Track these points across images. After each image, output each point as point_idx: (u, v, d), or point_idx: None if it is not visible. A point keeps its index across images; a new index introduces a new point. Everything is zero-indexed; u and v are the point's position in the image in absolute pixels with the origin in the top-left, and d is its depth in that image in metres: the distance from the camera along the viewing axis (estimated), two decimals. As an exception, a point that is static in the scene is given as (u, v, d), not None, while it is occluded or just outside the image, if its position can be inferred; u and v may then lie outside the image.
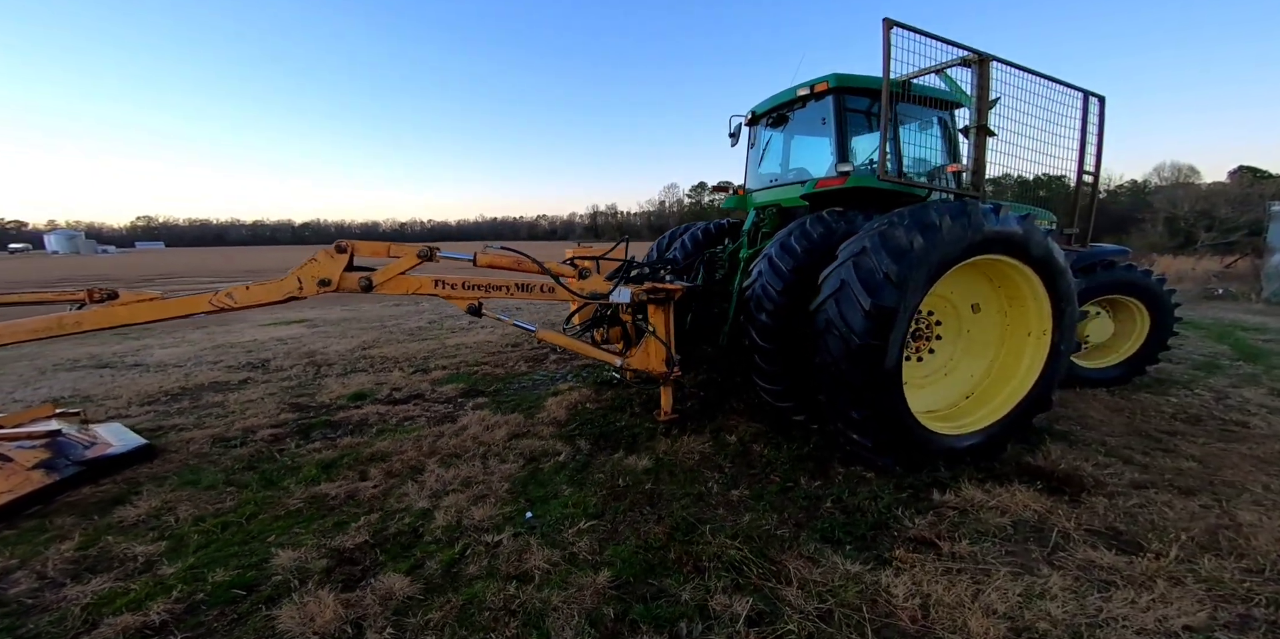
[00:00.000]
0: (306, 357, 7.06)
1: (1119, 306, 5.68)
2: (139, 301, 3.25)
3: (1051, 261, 3.52)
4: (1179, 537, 2.65)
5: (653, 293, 4.09)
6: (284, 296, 3.35)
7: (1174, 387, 5.55)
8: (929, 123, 4.83)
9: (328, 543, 2.70)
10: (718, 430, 4.33)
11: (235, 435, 4.19)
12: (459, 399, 5.25)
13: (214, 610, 2.22)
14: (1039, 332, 3.72)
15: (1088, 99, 4.72)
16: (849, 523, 2.90)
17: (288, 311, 11.30)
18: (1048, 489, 3.20)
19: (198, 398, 5.25)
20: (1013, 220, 3.34)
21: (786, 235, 4.02)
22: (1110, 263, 5.39)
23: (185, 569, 2.47)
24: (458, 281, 3.72)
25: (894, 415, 3.27)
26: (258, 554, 2.60)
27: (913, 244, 3.09)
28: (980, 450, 3.58)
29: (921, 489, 3.24)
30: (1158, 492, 3.15)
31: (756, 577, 2.47)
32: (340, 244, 3.46)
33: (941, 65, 4.23)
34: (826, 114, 4.57)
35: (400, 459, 3.74)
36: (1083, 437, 4.10)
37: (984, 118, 4.10)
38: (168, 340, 8.49)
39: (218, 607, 2.25)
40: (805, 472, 3.56)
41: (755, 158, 5.70)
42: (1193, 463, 3.59)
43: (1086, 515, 2.88)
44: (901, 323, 3.11)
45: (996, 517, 2.87)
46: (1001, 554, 2.54)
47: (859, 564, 2.51)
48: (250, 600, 2.28)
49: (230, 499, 3.15)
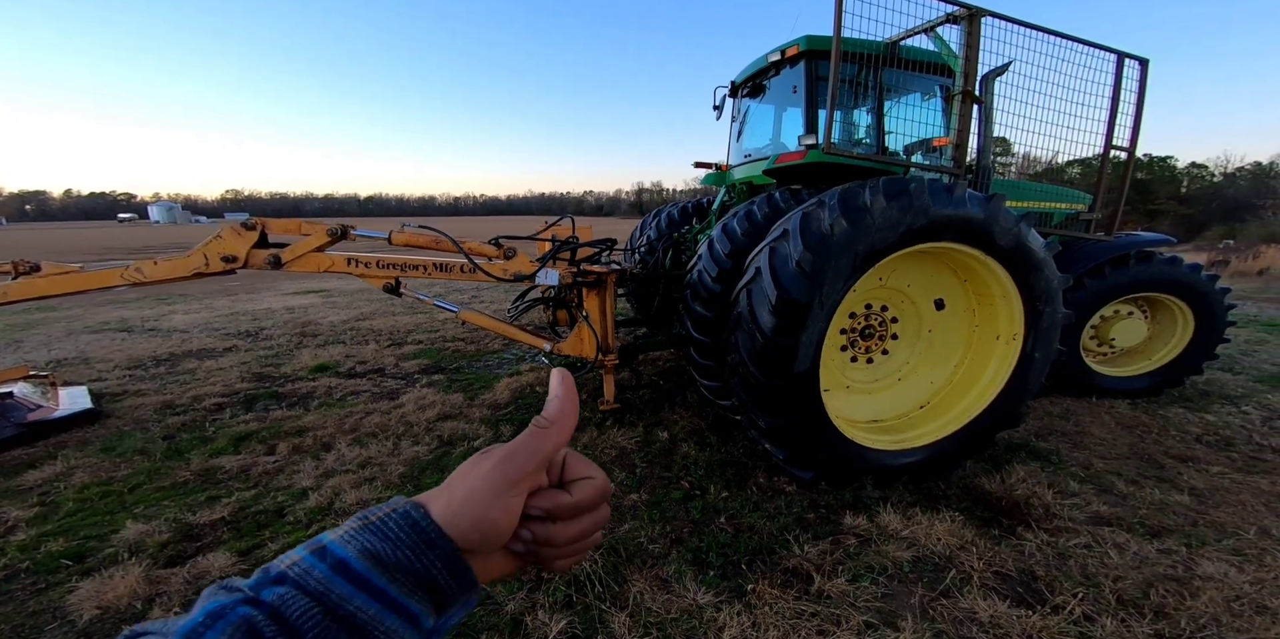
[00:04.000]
0: (300, 326, 7.30)
1: (1157, 306, 4.86)
2: (58, 274, 3.34)
3: (1024, 253, 2.95)
4: (1102, 588, 2.18)
5: (583, 275, 3.82)
6: (190, 272, 3.35)
7: (1218, 402, 4.73)
8: (930, 91, 4.20)
9: (185, 517, 2.70)
10: (654, 425, 4.07)
11: (183, 403, 4.34)
12: (415, 375, 5.23)
13: (29, 579, 2.26)
14: (1008, 336, 3.17)
15: (1122, 62, 3.94)
16: (731, 544, 2.59)
17: (311, 281, 11.81)
18: (981, 519, 2.75)
19: (176, 364, 5.50)
20: (971, 202, 2.80)
21: (731, 217, 3.63)
22: (1147, 254, 4.57)
23: (35, 537, 2.53)
24: (372, 260, 3.61)
25: (810, 426, 2.89)
26: (111, 525, 2.64)
27: (834, 229, 2.65)
28: (920, 469, 3.13)
29: (833, 510, 2.87)
30: (1116, 530, 2.63)
31: (594, 595, 2.25)
32: (249, 221, 3.40)
33: (929, 24, 3.63)
34: (798, 81, 4.06)
35: (315, 435, 3.74)
36: (1067, 457, 3.53)
37: (970, 83, 3.49)
38: (194, 306, 9.05)
39: (36, 576, 2.28)
40: (721, 479, 3.26)
41: (736, 131, 5.22)
42: (1185, 497, 3.00)
43: (1006, 555, 2.43)
44: (816, 321, 2.70)
45: (900, 549, 2.48)
46: (875, 597, 2.17)
47: (710, 595, 2.23)
48: (69, 572, 2.31)
49: (128, 468, 3.23)
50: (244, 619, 0.36)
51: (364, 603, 0.40)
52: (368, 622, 0.40)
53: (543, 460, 0.48)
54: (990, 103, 3.63)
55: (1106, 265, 4.44)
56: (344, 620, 0.39)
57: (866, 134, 4.17)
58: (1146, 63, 4.02)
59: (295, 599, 0.38)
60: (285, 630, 0.37)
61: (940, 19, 3.52)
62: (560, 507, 0.49)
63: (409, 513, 0.44)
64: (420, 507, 0.45)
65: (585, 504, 0.50)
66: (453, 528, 0.44)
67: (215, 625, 0.35)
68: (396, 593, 0.41)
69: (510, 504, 0.46)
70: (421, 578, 0.42)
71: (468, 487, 0.46)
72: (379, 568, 0.41)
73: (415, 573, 0.42)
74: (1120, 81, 3.96)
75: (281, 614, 0.37)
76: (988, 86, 3.60)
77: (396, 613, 0.41)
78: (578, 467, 0.52)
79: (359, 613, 0.39)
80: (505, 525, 0.46)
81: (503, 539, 0.47)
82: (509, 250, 3.76)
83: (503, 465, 0.46)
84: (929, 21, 3.56)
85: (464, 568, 0.44)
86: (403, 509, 0.44)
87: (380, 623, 0.40)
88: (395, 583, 0.41)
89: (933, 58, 3.73)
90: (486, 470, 0.46)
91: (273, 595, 0.38)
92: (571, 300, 4.34)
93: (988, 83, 3.59)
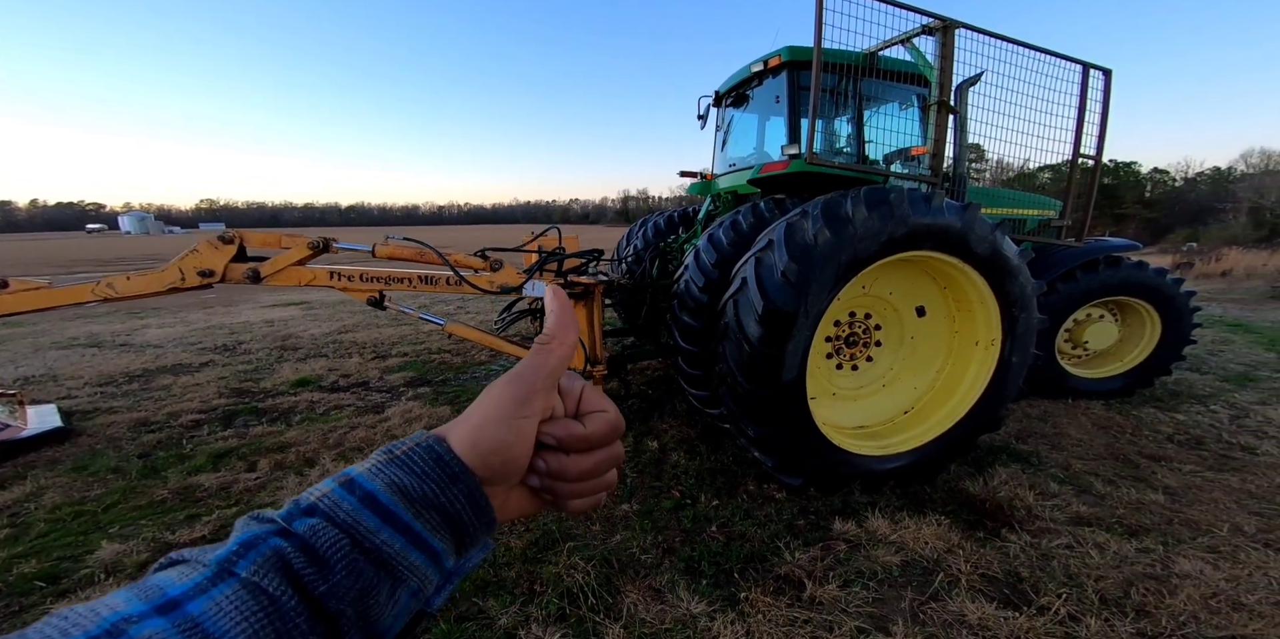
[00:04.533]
0: (280, 340, 7.16)
1: (1126, 309, 5.03)
2: (26, 290, 3.25)
3: (999, 260, 3.04)
4: (1084, 588, 2.24)
5: (570, 287, 3.82)
6: (165, 288, 3.27)
7: (1188, 401, 4.89)
8: (907, 101, 4.31)
9: (163, 536, 2.63)
10: (644, 434, 4.07)
11: (158, 420, 4.22)
12: (400, 388, 5.17)
13: (1, 602, 2.17)
14: (986, 341, 3.26)
15: (1088, 72, 4.10)
16: (723, 552, 2.60)
17: (291, 293, 11.60)
18: (966, 522, 2.80)
19: (150, 380, 5.35)
20: (948, 211, 2.88)
21: (716, 227, 3.68)
22: (1115, 259, 4.73)
23: (5, 558, 2.45)
24: (355, 273, 3.57)
25: (798, 434, 2.92)
26: (85, 546, 2.56)
27: (817, 239, 2.70)
28: (906, 473, 3.18)
29: (822, 516, 2.90)
30: (1096, 530, 2.70)
31: (587, 607, 2.24)
32: (226, 234, 3.34)
33: (905, 35, 3.74)
34: (780, 91, 4.14)
35: (299, 451, 3.66)
36: (1046, 459, 3.62)
37: (945, 93, 3.59)
38: (168, 320, 8.82)
39: (9, 598, 2.21)
40: (711, 488, 3.27)
41: (720, 141, 5.29)
42: (1160, 496, 3.09)
43: (992, 557, 2.48)
44: (802, 330, 2.74)
45: (889, 554, 2.51)
46: (867, 602, 2.20)
47: (704, 604, 2.23)
48: (43, 593, 2.23)
49: (101, 487, 3.13)
50: (275, 550, 0.37)
51: (390, 537, 0.41)
52: (393, 556, 0.40)
53: (549, 376, 0.48)
54: (964, 112, 3.75)
55: (1078, 270, 4.58)
56: (370, 553, 0.40)
57: (847, 143, 4.26)
58: (1110, 73, 4.18)
59: (325, 531, 0.39)
60: (314, 562, 0.38)
61: (916, 30, 3.63)
62: (573, 436, 0.49)
63: (433, 447, 0.44)
64: (443, 441, 0.45)
65: (597, 436, 0.50)
66: (472, 455, 0.44)
67: (247, 555, 0.37)
68: (421, 528, 0.42)
69: (523, 426, 0.46)
70: (445, 513, 0.43)
71: (481, 413, 0.46)
72: (405, 502, 0.41)
73: (439, 508, 0.42)
74: (1086, 91, 4.12)
75: (311, 546, 0.38)
76: (961, 96, 3.71)
77: (420, 549, 0.42)
78: (594, 400, 0.53)
79: (385, 547, 0.40)
80: (520, 449, 0.46)
81: (520, 464, 0.47)
82: (495, 262, 3.75)
83: (511, 385, 0.47)
84: (905, 32, 3.65)
85: (485, 502, 0.45)
86: (426, 443, 0.44)
87: (404, 558, 0.41)
88: (420, 518, 0.42)
89: (909, 68, 3.84)
90: (497, 394, 0.47)
91: (304, 527, 0.39)
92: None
93: (961, 92, 3.70)
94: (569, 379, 0.52)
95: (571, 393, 0.52)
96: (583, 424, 0.50)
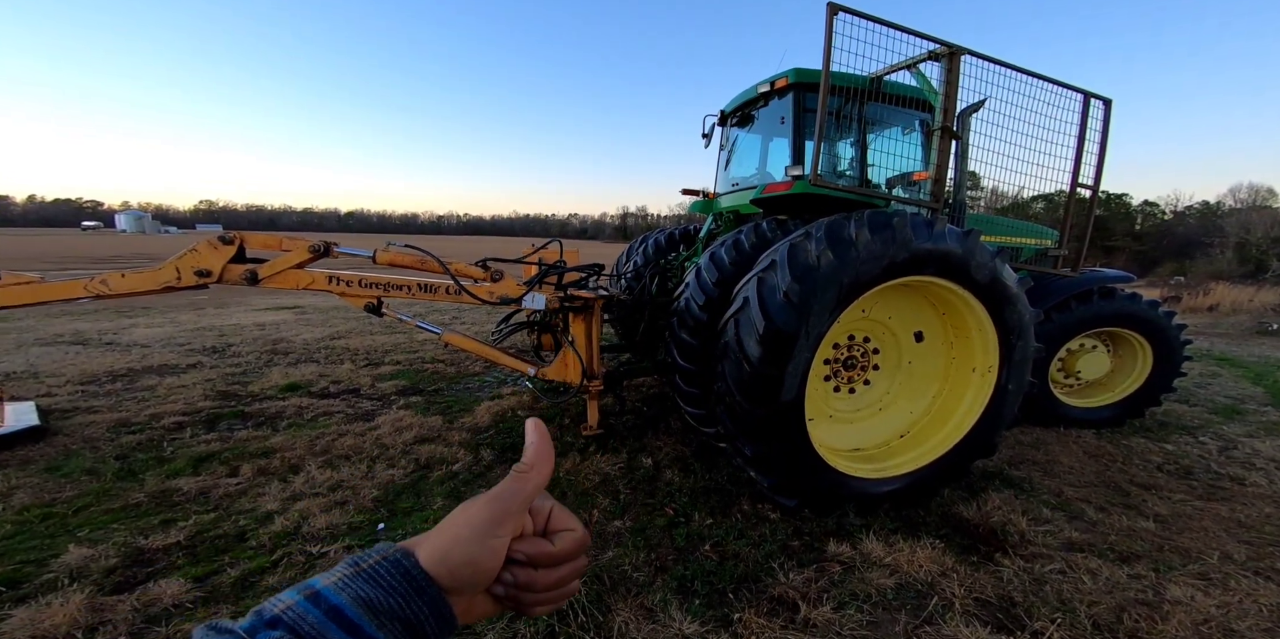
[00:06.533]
0: (271, 344, 7.07)
1: (1119, 340, 5.08)
2: (17, 284, 3.19)
3: (999, 287, 3.07)
4: (1077, 613, 2.22)
5: (569, 300, 3.82)
6: (160, 286, 3.23)
7: (1177, 432, 4.92)
8: (910, 125, 4.39)
9: (135, 541, 2.55)
10: (638, 451, 4.03)
11: (140, 422, 4.13)
12: (392, 396, 5.10)
13: None
14: (983, 368, 3.27)
15: (1089, 102, 4.20)
16: (716, 572, 2.56)
17: (284, 297, 11.51)
18: (961, 546, 2.78)
19: (134, 380, 5.25)
20: (950, 237, 2.92)
21: (718, 246, 3.70)
22: (1109, 290, 4.80)
23: None
24: (354, 279, 3.54)
25: (795, 455, 2.90)
26: (51, 549, 2.48)
27: (820, 261, 2.72)
28: (901, 496, 3.16)
29: (817, 537, 2.86)
30: (1089, 556, 2.69)
31: (577, 625, 2.18)
32: (226, 235, 3.31)
33: (911, 60, 3.82)
34: (786, 112, 4.21)
35: (284, 457, 3.59)
36: (1038, 485, 3.61)
37: (949, 119, 3.67)
38: (157, 319, 8.70)
39: None
40: (705, 506, 3.23)
41: (724, 160, 5.36)
42: (1151, 523, 3.08)
43: (986, 581, 2.45)
44: (802, 351, 2.74)
45: (884, 576, 2.48)
46: (861, 625, 2.16)
47: (697, 624, 2.18)
48: (2, 598, 2.14)
49: (74, 489, 3.04)
50: None
51: None
52: None
53: (524, 502, 0.51)
54: (966, 139, 3.82)
55: (1072, 300, 4.64)
56: None
57: (850, 166, 4.32)
58: (1110, 103, 4.28)
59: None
60: None
61: (922, 56, 3.70)
62: (542, 554, 0.52)
63: (400, 561, 0.46)
64: (410, 555, 0.47)
65: (565, 554, 0.53)
66: (440, 568, 0.47)
67: None
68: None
69: (495, 545, 0.49)
70: (409, 624, 0.44)
71: (455, 529, 0.49)
72: (371, 615, 0.43)
73: (404, 620, 0.44)
74: (1086, 120, 4.20)
75: None
76: (964, 122, 3.78)
77: None
78: (562, 519, 0.56)
79: None
80: (490, 565, 0.49)
81: (488, 579, 0.49)
82: (496, 273, 3.75)
83: (488, 507, 0.49)
84: (912, 58, 3.72)
85: (449, 613, 0.47)
86: (394, 557, 0.47)
87: None
88: (384, 629, 0.43)
89: (914, 93, 3.92)
90: (472, 513, 0.49)
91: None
92: (557, 325, 4.32)
93: (964, 119, 3.77)
94: (539, 498, 0.55)
95: (541, 511, 0.55)
96: (552, 542, 0.53)
